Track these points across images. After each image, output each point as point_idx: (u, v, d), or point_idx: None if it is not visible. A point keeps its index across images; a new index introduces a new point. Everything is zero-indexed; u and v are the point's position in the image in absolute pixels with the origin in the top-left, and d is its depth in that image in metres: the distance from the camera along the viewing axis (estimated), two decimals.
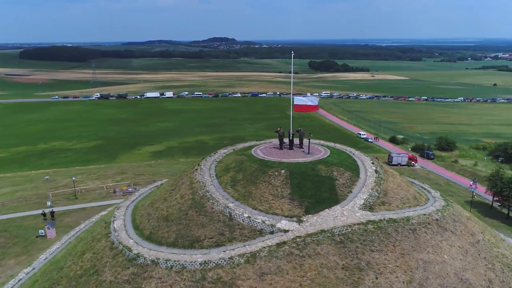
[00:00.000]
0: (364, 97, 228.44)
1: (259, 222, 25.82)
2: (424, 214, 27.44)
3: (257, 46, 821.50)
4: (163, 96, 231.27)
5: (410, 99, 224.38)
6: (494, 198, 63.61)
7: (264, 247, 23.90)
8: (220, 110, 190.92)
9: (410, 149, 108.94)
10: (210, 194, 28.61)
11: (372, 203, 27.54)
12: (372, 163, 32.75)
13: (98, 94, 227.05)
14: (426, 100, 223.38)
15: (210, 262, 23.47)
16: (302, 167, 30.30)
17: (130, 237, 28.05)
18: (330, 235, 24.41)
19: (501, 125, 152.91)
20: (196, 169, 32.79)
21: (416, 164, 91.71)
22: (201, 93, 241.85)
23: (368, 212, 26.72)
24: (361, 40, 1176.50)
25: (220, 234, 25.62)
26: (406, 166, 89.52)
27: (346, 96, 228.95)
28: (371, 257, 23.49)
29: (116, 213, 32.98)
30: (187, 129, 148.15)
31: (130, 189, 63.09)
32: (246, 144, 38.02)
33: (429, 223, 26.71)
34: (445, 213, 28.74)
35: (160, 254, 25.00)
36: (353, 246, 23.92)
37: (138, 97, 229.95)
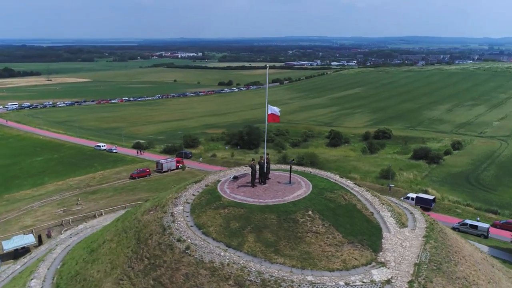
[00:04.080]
0: (64, 104, 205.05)
1: (360, 285, 20.17)
2: (422, 213, 29.09)
3: None
4: None
5: (113, 101, 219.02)
6: None
7: None
8: None
9: (160, 152, 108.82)
10: (269, 276, 19.64)
11: (398, 218, 26.67)
12: (341, 177, 31.33)
13: None
14: (128, 100, 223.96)
15: None
16: (317, 201, 25.40)
17: None
18: (426, 266, 22.14)
19: (208, 116, 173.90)
20: (189, 247, 21.44)
21: (186, 166, 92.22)
22: None
23: (409, 228, 25.81)
24: (13, 40, 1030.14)
25: None
26: (181, 170, 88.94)
27: (41, 106, 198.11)
28: (465, 274, 23.08)
29: None
30: None
31: None
32: (192, 192, 27.62)
33: (432, 222, 28.55)
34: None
35: None
36: (445, 268, 22.69)
37: None
